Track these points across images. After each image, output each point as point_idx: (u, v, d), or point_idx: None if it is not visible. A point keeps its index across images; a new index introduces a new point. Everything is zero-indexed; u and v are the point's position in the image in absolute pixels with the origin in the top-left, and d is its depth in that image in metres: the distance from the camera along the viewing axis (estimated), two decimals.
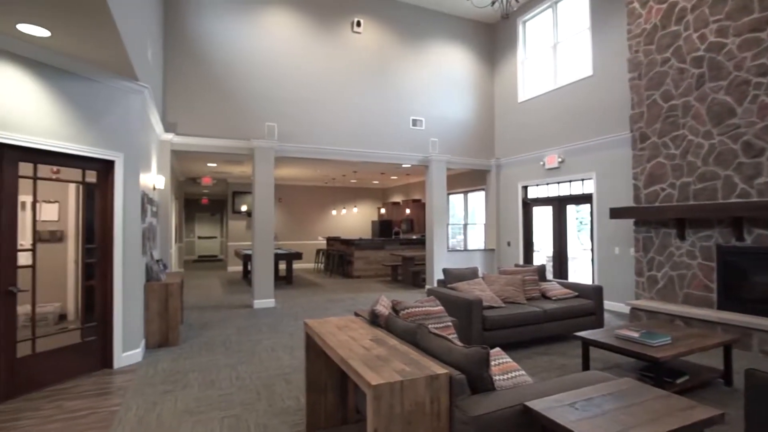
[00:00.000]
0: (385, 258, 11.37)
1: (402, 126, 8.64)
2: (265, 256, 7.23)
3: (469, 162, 9.33)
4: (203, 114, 7.12)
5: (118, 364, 4.12)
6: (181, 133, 6.96)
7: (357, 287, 9.53)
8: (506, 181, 9.35)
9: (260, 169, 7.27)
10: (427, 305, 3.17)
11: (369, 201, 15.31)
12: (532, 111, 8.63)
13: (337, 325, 2.73)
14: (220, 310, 7.00)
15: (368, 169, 11.15)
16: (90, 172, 4.04)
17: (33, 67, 3.51)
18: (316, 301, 7.74)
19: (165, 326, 4.85)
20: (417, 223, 12.83)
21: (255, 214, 7.23)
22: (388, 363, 1.95)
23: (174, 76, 6.93)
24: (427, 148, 8.86)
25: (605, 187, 7.06)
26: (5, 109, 3.33)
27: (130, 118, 4.34)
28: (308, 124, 7.82)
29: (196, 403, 3.29)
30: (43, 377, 3.60)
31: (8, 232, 3.38)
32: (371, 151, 8.32)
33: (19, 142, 3.40)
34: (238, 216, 13.40)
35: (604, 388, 1.92)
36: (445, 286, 5.22)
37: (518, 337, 4.68)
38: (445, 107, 9.11)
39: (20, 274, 3.48)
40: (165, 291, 4.85)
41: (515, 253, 9.02)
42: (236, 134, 7.30)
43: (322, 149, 7.90)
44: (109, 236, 4.13)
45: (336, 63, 8.09)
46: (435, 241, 8.72)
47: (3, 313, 3.33)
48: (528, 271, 5.54)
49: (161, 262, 5.75)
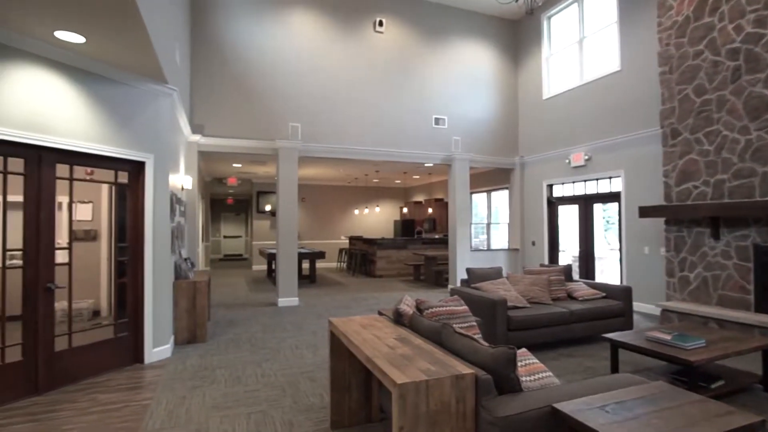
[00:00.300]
0: (407, 257, 11.35)
1: (424, 125, 8.61)
2: (289, 256, 7.32)
3: (492, 160, 9.23)
4: (229, 115, 7.26)
5: (148, 359, 4.25)
6: (207, 134, 7.11)
7: (379, 286, 9.55)
8: (530, 180, 9.20)
9: (284, 169, 7.36)
10: (451, 305, 3.15)
11: (391, 200, 15.32)
12: (558, 108, 8.47)
13: (361, 324, 2.74)
14: (245, 308, 7.12)
15: (390, 169, 11.16)
16: (122, 173, 4.17)
17: (69, 72, 3.65)
18: (339, 300, 7.79)
19: (193, 323, 4.97)
20: (439, 223, 12.77)
21: (279, 214, 7.33)
22: (413, 362, 1.94)
23: (200, 78, 7.09)
24: (450, 147, 8.80)
25: (634, 185, 6.86)
26: (44, 113, 3.47)
27: (160, 120, 4.46)
28: (331, 124, 7.88)
29: (223, 399, 3.36)
30: (79, 371, 3.74)
31: (47, 231, 3.53)
32: (394, 150, 8.32)
33: (56, 145, 3.54)
34: (263, 215, 13.61)
35: (635, 392, 1.87)
36: (469, 285, 5.17)
37: (543, 338, 4.60)
38: (468, 105, 9.02)
39: (57, 271, 3.61)
40: (193, 289, 4.97)
41: (540, 252, 8.87)
42: (261, 135, 7.41)
43: (345, 149, 7.94)
44: (140, 235, 4.25)
45: (358, 63, 8.12)
46: (458, 241, 8.66)
47: (42, 308, 3.47)
48: (554, 271, 5.44)
49: (189, 261, 5.89)
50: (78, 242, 6.58)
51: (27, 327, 3.40)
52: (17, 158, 3.38)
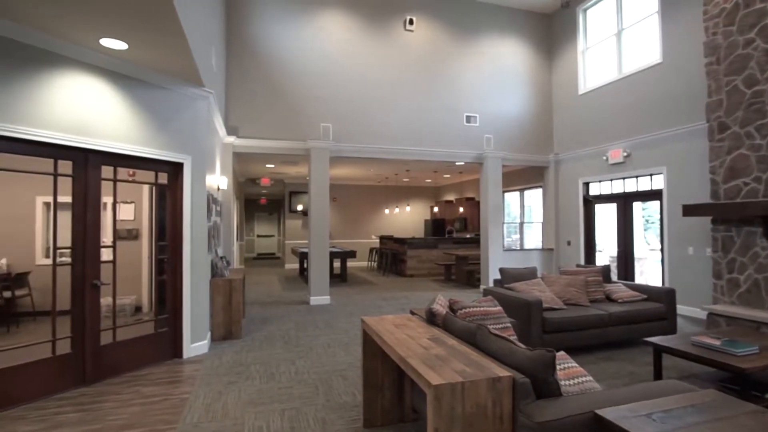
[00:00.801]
0: (438, 257, 11.26)
1: (456, 123, 8.51)
2: (321, 255, 7.39)
3: (525, 158, 9.02)
4: (262, 117, 7.40)
5: (187, 354, 4.38)
6: (242, 135, 7.27)
7: (410, 286, 9.51)
8: (566, 178, 8.95)
9: (316, 169, 7.44)
10: (485, 305, 3.09)
11: (421, 200, 15.25)
12: (594, 103, 8.19)
13: (394, 323, 2.73)
14: (278, 306, 7.24)
15: (421, 168, 11.10)
16: (161, 174, 4.32)
17: (112, 78, 3.80)
18: (370, 299, 7.81)
19: (229, 320, 5.09)
20: (471, 222, 12.61)
21: (311, 213, 7.42)
22: (447, 363, 1.91)
23: (235, 80, 7.26)
24: (482, 145, 8.67)
25: (677, 183, 6.55)
26: (90, 117, 3.63)
27: (197, 122, 4.59)
28: (362, 123, 7.91)
29: (258, 395, 3.42)
30: (122, 364, 3.89)
31: (93, 230, 3.69)
32: (425, 149, 8.26)
33: (101, 147, 3.69)
34: (295, 215, 13.82)
35: (684, 399, 1.77)
36: (502, 286, 5.07)
37: (580, 341, 4.45)
38: (500, 102, 8.86)
39: (102, 269, 3.78)
40: (229, 286, 5.09)
41: (575, 252, 8.61)
42: (293, 135, 7.52)
43: (376, 148, 7.95)
44: (179, 234, 4.39)
45: (389, 62, 8.11)
46: (490, 240, 8.52)
47: (89, 304, 3.63)
48: (591, 271, 5.26)
49: (225, 259, 6.04)
50: (121, 241, 6.87)
51: (75, 321, 3.57)
52: (66, 161, 3.55)
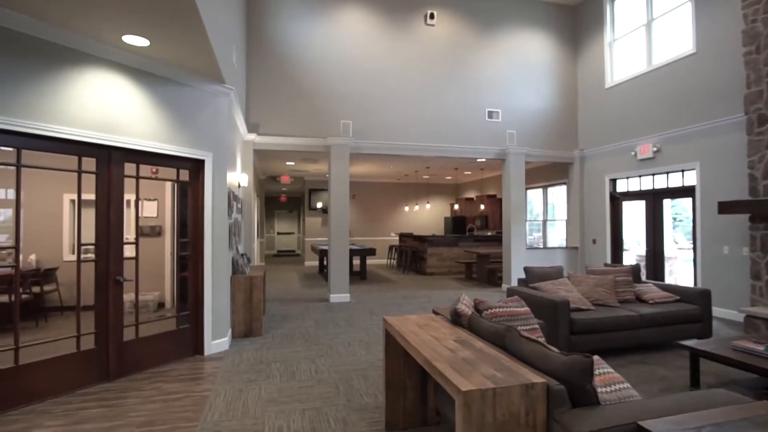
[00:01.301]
0: (458, 255, 11.11)
1: (477, 118, 8.35)
2: (340, 252, 7.35)
3: (549, 154, 8.79)
4: (282, 114, 7.39)
5: (208, 351, 4.39)
6: (262, 133, 7.28)
7: (430, 284, 9.40)
8: (591, 174, 8.68)
9: (336, 166, 7.39)
10: (512, 306, 2.98)
11: (441, 197, 15.09)
12: (622, 96, 7.91)
13: (417, 324, 2.64)
14: (298, 303, 7.24)
15: (441, 165, 10.96)
16: (183, 171, 4.32)
17: (135, 75, 3.81)
18: (390, 297, 7.74)
19: (249, 317, 5.09)
20: (492, 220, 12.40)
21: (331, 211, 7.38)
22: (476, 367, 1.82)
23: (255, 78, 7.26)
24: (504, 141, 8.48)
25: (711, 179, 6.26)
26: (113, 114, 3.64)
27: (218, 119, 4.58)
28: (382, 120, 7.82)
29: (278, 394, 3.38)
30: (144, 360, 3.91)
31: (116, 227, 3.71)
32: (446, 145, 8.13)
33: (124, 144, 3.71)
34: (314, 213, 13.84)
35: (737, 412, 1.63)
36: (527, 285, 4.93)
37: (609, 343, 4.28)
38: (523, 97, 8.65)
39: (126, 265, 3.79)
40: (249, 284, 5.08)
41: (602, 251, 8.35)
42: (313, 132, 7.49)
43: (397, 145, 7.86)
44: (200, 231, 4.39)
45: (410, 57, 8.00)
46: (513, 238, 8.33)
47: (112, 300, 3.66)
48: (620, 271, 5.07)
49: (245, 256, 6.05)
50: (144, 238, 6.97)
51: (99, 317, 3.59)
52: (90, 158, 3.57)
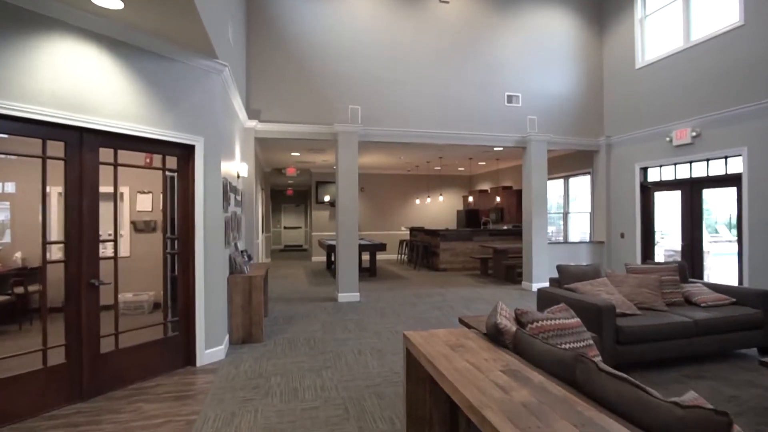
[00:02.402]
0: (473, 250, 10.54)
1: (496, 103, 7.74)
2: (349, 248, 6.82)
3: (573, 142, 8.16)
4: (286, 99, 6.85)
5: (200, 361, 3.89)
6: (264, 119, 6.74)
7: (444, 281, 8.85)
8: (619, 163, 8.04)
9: (344, 155, 6.85)
10: (560, 316, 2.42)
11: (454, 189, 14.47)
12: (655, 77, 7.24)
13: (447, 342, 2.10)
14: (304, 302, 6.73)
15: (455, 154, 10.36)
16: (170, 158, 3.80)
17: (111, 45, 3.28)
18: (402, 296, 7.20)
19: (248, 321, 4.58)
20: (508, 213, 11.79)
21: (339, 203, 6.85)
22: (547, 421, 1.27)
23: (257, 62, 6.71)
24: (525, 127, 7.86)
25: (761, 166, 5.61)
26: (84, 91, 3.12)
27: (210, 99, 4.05)
28: (393, 105, 7.25)
29: (277, 418, 2.86)
30: (126, 374, 3.42)
31: (90, 222, 3.20)
32: (461, 132, 7.54)
33: (99, 126, 3.19)
34: (322, 206, 13.33)
35: None
36: (561, 286, 4.36)
37: (659, 353, 3.71)
38: (545, 80, 8.01)
39: (105, 266, 3.29)
40: (248, 284, 4.57)
41: (631, 246, 7.73)
42: (319, 119, 6.94)
43: (409, 132, 7.28)
44: (191, 226, 3.87)
45: (422, 38, 7.39)
46: (534, 232, 7.74)
47: (86, 307, 3.16)
48: (665, 269, 4.47)
49: (246, 254, 5.54)
50: (139, 233, 6.48)
51: (70, 327, 3.10)
52: (57, 141, 3.06)
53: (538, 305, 4.35)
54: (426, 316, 5.74)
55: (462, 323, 2.79)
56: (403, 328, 5.15)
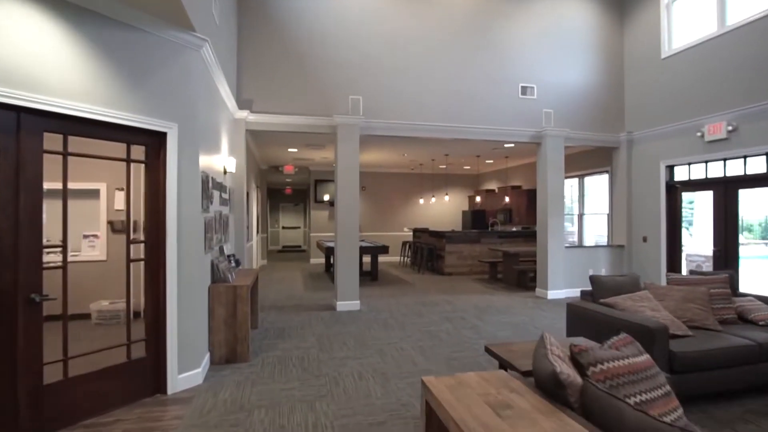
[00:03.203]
0: (481, 253, 9.93)
1: (509, 95, 7.13)
2: (349, 252, 6.22)
3: (591, 138, 7.55)
4: (281, 89, 6.25)
5: (172, 388, 3.29)
6: (257, 110, 6.14)
7: (451, 287, 8.25)
8: (642, 160, 7.43)
9: (344, 150, 6.25)
10: (628, 354, 1.84)
11: (459, 189, 13.85)
12: (684, 67, 6.63)
13: (486, 398, 1.49)
14: (299, 311, 6.13)
15: (462, 152, 9.76)
16: (136, 148, 3.20)
17: (59, 8, 2.68)
18: (407, 304, 6.60)
19: (232, 337, 3.98)
20: (517, 213, 11.18)
21: (338, 202, 6.25)
22: None
23: (249, 48, 6.12)
24: (540, 122, 7.26)
25: None
26: (23, 61, 2.52)
27: (188, 80, 3.45)
28: (398, 96, 6.65)
29: None
30: (78, 408, 2.82)
31: (30, 225, 2.59)
32: (472, 126, 6.93)
33: (42, 106, 2.59)
34: (321, 206, 12.73)
35: None
36: (594, 300, 3.75)
37: (720, 383, 3.10)
38: (561, 71, 7.40)
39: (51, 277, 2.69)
40: (233, 295, 3.97)
41: (655, 251, 7.12)
42: (317, 110, 6.33)
43: (414, 125, 6.68)
44: (161, 228, 3.28)
45: (430, 24, 6.79)
46: (550, 235, 7.13)
47: (24, 328, 2.56)
48: (714, 281, 3.87)
49: (233, 258, 4.94)
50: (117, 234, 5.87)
51: (2, 354, 2.49)
52: None
53: (569, 323, 3.74)
54: (435, 330, 5.14)
55: (491, 354, 2.19)
56: (410, 344, 4.55)
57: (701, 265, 7.09)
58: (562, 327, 5.22)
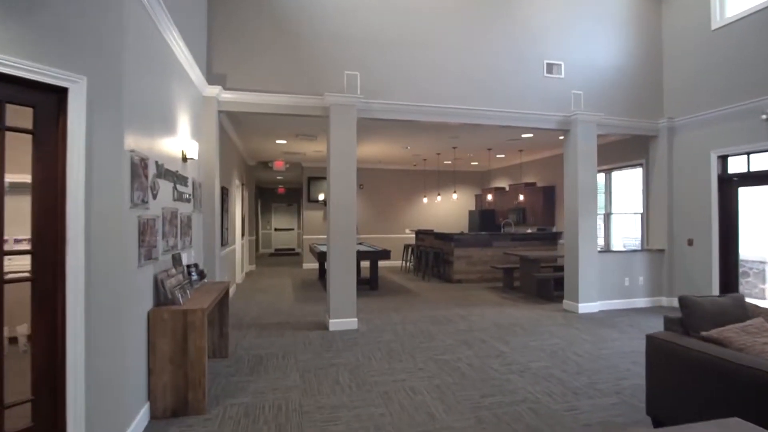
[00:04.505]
0: (493, 258, 8.86)
1: (532, 74, 6.07)
2: (344, 257, 5.15)
3: (624, 125, 6.50)
4: (262, 62, 5.18)
5: None
6: (232, 87, 5.07)
7: (462, 297, 7.18)
8: (686, 150, 6.38)
9: (337, 135, 5.18)
10: None
11: (466, 187, 12.76)
12: (740, 39, 5.58)
13: None
14: (284, 331, 5.05)
15: (473, 144, 8.69)
16: (18, 111, 2.12)
17: None
18: (414, 321, 5.52)
19: (182, 380, 2.90)
20: (531, 213, 10.11)
21: (330, 199, 5.17)
22: None
23: (223, 12, 5.04)
24: (568, 105, 6.20)
25: None
26: None
27: (106, 18, 2.37)
28: (402, 73, 5.58)
29: None
30: None
31: None
32: (488, 109, 5.87)
33: None
34: (314, 205, 11.63)
35: None
36: (687, 331, 2.67)
37: None
38: (591, 47, 6.36)
39: None
40: (182, 322, 2.89)
41: (703, 256, 6.06)
42: (306, 88, 5.26)
43: (421, 107, 5.61)
44: (59, 230, 2.19)
45: None
46: (581, 238, 6.07)
47: None
48: None
49: (195, 270, 3.86)
50: None
51: None
52: None
53: (652, 366, 2.65)
54: (452, 359, 4.06)
55: None
56: (424, 382, 3.47)
57: (748, 272, 6.10)
58: (615, 355, 4.15)
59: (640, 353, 4.02)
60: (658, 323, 5.36)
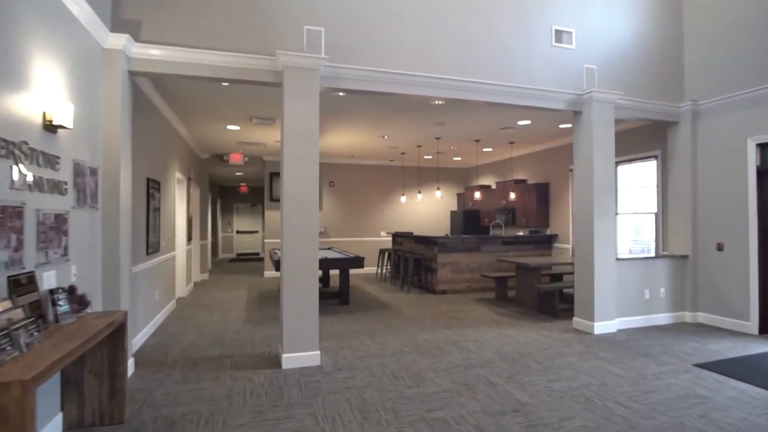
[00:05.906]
0: (482, 264, 7.74)
1: (538, 41, 4.96)
2: (303, 271, 3.86)
3: (642, 107, 5.48)
4: (192, 7, 3.84)
5: None
6: (148, 39, 3.71)
7: (450, 313, 6.00)
8: (714, 138, 5.40)
9: (294, 109, 3.89)
10: None
11: (447, 185, 11.61)
12: None
13: None
14: (220, 371, 3.71)
15: (458, 134, 7.54)
16: None
17: None
18: (394, 350, 4.29)
19: None
20: (523, 214, 9.04)
21: (285, 192, 3.88)
22: None
23: None
24: (580, 81, 5.12)
25: None
26: None
27: None
28: (379, 33, 4.35)
29: None
30: None
31: None
32: (485, 82, 4.70)
33: None
34: (277, 205, 10.23)
35: None
36: None
37: None
38: (606, 14, 5.31)
39: None
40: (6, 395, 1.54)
41: (738, 263, 5.08)
42: (253, 45, 3.95)
43: (403, 77, 4.38)
44: None
45: None
46: (596, 242, 4.99)
47: None
48: None
49: (67, 296, 2.50)
50: None
51: None
52: None
53: None
54: (454, 418, 2.84)
55: None
56: None
57: None
58: (670, 402, 3.01)
59: (700, 398, 3.13)
60: (691, 347, 4.45)
